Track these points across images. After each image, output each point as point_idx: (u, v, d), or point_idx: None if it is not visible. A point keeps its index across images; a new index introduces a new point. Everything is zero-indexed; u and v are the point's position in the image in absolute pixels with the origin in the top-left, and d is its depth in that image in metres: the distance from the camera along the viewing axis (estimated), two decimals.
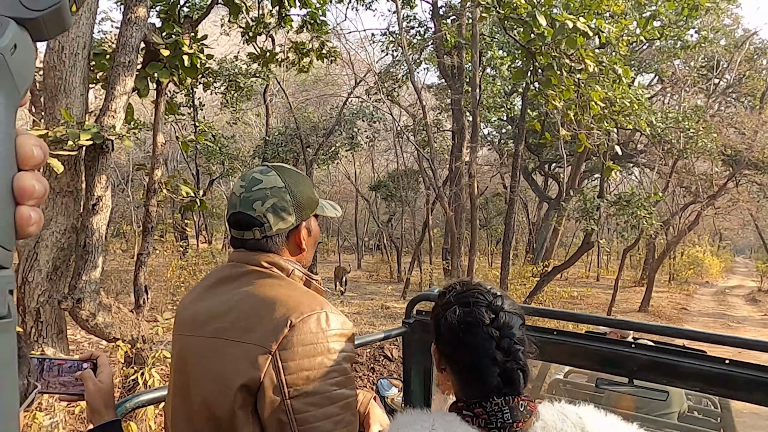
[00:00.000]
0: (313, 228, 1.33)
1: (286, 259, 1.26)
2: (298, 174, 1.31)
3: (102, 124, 4.08)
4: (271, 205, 1.22)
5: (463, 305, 1.20)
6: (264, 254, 1.24)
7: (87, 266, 4.04)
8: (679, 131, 10.56)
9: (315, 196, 1.32)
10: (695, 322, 16.69)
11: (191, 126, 16.49)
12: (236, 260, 1.27)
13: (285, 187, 1.24)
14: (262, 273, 1.22)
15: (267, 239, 1.24)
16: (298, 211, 1.25)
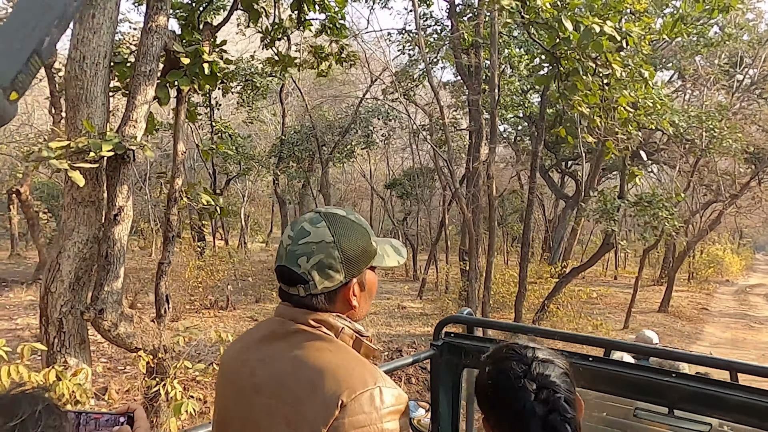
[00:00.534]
0: (368, 281, 1.23)
1: (336, 316, 1.18)
2: (352, 223, 1.19)
3: (123, 134, 4.06)
4: (317, 263, 1.13)
5: (495, 362, 1.15)
6: (311, 312, 1.17)
7: (109, 277, 4.03)
8: (703, 130, 10.35)
9: (371, 247, 1.21)
10: (716, 323, 16.43)
11: (208, 125, 16.54)
12: (283, 315, 1.20)
13: (334, 242, 1.14)
14: (310, 333, 1.15)
15: (312, 297, 1.17)
16: (347, 268, 1.16)
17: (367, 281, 1.23)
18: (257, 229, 38.88)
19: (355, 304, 1.20)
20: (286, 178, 19.68)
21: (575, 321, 12.59)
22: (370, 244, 1.20)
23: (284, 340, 1.16)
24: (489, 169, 10.11)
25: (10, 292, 14.42)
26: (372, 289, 1.25)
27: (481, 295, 10.82)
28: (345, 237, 1.16)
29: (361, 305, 1.23)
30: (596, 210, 10.89)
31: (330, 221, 1.17)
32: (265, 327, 1.24)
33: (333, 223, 1.17)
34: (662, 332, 14.04)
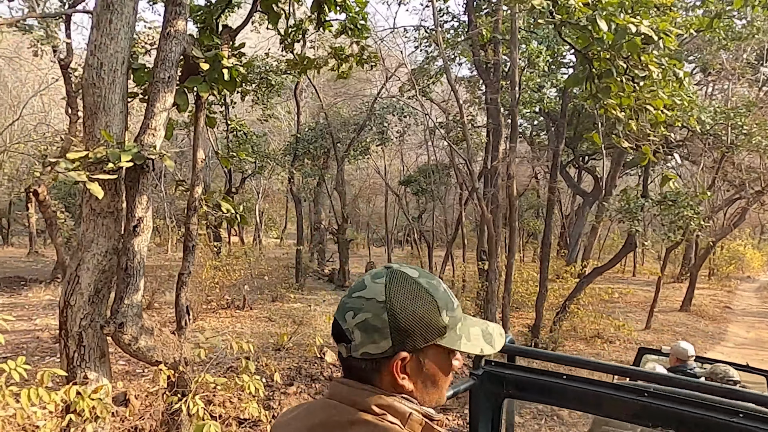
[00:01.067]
0: (430, 364, 1.04)
1: (402, 398, 1.02)
2: (418, 288, 1.03)
3: (142, 143, 3.95)
4: (362, 321, 1.00)
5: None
6: (375, 394, 1.01)
7: (129, 290, 3.93)
8: (730, 127, 10.05)
9: (437, 321, 1.02)
10: (740, 322, 16.10)
11: (223, 124, 16.47)
12: (340, 398, 1.03)
13: (385, 302, 0.99)
14: (375, 426, 0.98)
15: (354, 361, 1.02)
16: (396, 337, 0.99)
17: (428, 363, 1.04)
18: (271, 226, 38.98)
19: (406, 386, 1.02)
20: (300, 175, 19.60)
21: (597, 321, 12.37)
22: (435, 317, 1.02)
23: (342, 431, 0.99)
24: (509, 167, 9.90)
25: (29, 291, 14.51)
26: (438, 376, 1.05)
27: (501, 296, 10.64)
28: (400, 300, 1.00)
29: (419, 390, 1.04)
30: (619, 209, 10.64)
31: (391, 279, 1.03)
32: (320, 412, 1.05)
33: (393, 281, 1.02)
34: (685, 332, 13.77)
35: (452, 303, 1.06)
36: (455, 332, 1.05)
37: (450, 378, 1.08)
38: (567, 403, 2.27)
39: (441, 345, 1.03)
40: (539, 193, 25.89)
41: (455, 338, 1.04)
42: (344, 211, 18.32)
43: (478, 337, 1.08)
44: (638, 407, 2.04)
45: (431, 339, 1.02)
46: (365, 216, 35.27)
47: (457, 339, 1.04)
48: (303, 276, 16.81)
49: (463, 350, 1.05)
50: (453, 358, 1.07)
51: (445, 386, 1.08)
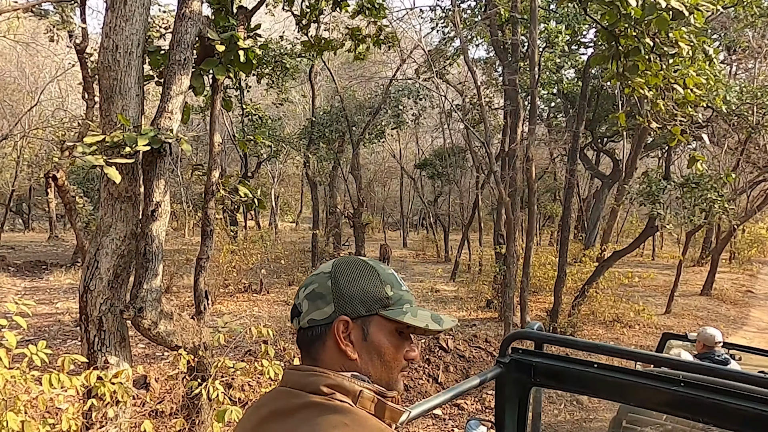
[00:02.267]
0: (375, 334, 1.04)
1: (352, 377, 1.01)
2: (363, 265, 1.08)
3: (159, 127, 3.90)
4: (309, 292, 1.06)
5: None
6: (323, 375, 1.00)
7: (148, 275, 3.92)
8: (757, 107, 9.76)
9: (381, 292, 1.05)
10: (762, 307, 15.84)
11: (238, 108, 16.44)
12: (291, 384, 1.02)
13: (330, 273, 1.06)
14: (323, 406, 0.96)
15: (303, 332, 1.05)
16: (338, 301, 1.03)
17: (372, 332, 1.04)
18: (287, 210, 39.13)
19: (351, 354, 1.02)
20: (316, 159, 19.55)
21: (616, 306, 12.23)
22: (377, 288, 1.05)
23: (291, 417, 0.97)
24: (528, 150, 9.74)
25: (50, 275, 14.71)
26: (383, 348, 1.05)
27: (519, 280, 10.54)
28: (345, 272, 1.06)
29: (365, 362, 1.04)
30: (640, 192, 10.44)
31: (341, 259, 1.10)
32: (271, 402, 1.04)
33: (342, 260, 1.10)
34: (706, 317, 13.58)
35: (397, 282, 1.09)
36: (400, 308, 1.06)
37: (401, 361, 1.07)
38: (597, 392, 2.20)
39: (384, 316, 1.04)
40: (556, 176, 25.56)
41: (400, 312, 1.05)
42: (360, 195, 18.27)
43: (425, 317, 1.07)
44: (671, 397, 1.97)
45: (373, 308, 1.04)
46: (380, 200, 35.22)
47: (402, 313, 1.05)
48: (319, 260, 16.84)
49: (406, 322, 1.04)
50: (404, 342, 1.07)
51: (395, 367, 1.06)
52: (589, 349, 2.34)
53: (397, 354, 1.07)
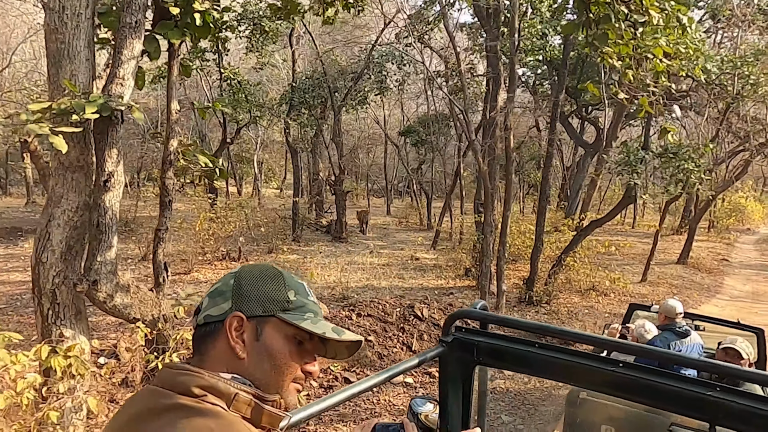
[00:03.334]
0: (269, 336, 1.00)
1: (231, 379, 0.96)
2: (270, 269, 1.07)
3: (109, 94, 3.75)
4: (213, 290, 1.04)
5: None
6: (196, 375, 0.94)
7: (102, 246, 3.82)
8: (737, 77, 9.69)
9: (282, 296, 1.02)
10: (737, 275, 16.11)
11: (216, 72, 16.06)
12: (162, 383, 0.96)
13: (236, 273, 1.05)
14: (191, 409, 0.90)
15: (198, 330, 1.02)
16: (237, 299, 1.00)
17: (267, 334, 1.00)
18: (271, 176, 38.78)
19: (240, 353, 0.98)
20: (297, 126, 19.26)
21: (592, 275, 12.35)
22: (279, 291, 1.03)
23: (157, 419, 0.91)
24: (507, 118, 9.63)
25: (25, 242, 14.50)
26: (275, 352, 1.00)
27: (496, 249, 10.57)
28: (250, 273, 1.05)
29: (253, 363, 0.99)
30: (619, 161, 10.42)
31: (253, 264, 1.09)
32: (140, 401, 0.98)
33: (252, 264, 1.09)
34: (681, 285, 13.78)
35: (303, 289, 1.07)
36: (301, 314, 1.03)
37: (295, 370, 1.03)
38: (539, 371, 2.18)
39: (282, 318, 1.01)
40: (541, 143, 25.51)
41: (299, 318, 1.02)
42: (341, 162, 18.09)
43: (324, 325, 1.04)
44: (610, 377, 1.94)
45: (271, 309, 1.01)
46: (365, 167, 35.00)
47: (301, 319, 1.02)
48: (300, 227, 16.76)
49: (303, 327, 1.00)
50: (303, 353, 1.03)
51: (287, 374, 1.02)
52: (532, 330, 2.29)
53: (291, 361, 1.03)
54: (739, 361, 3.45)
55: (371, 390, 6.83)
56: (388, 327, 8.63)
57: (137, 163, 24.11)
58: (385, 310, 9.15)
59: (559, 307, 10.89)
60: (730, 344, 3.57)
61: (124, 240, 14.31)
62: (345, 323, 8.45)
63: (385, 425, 1.85)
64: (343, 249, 15.73)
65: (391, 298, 9.91)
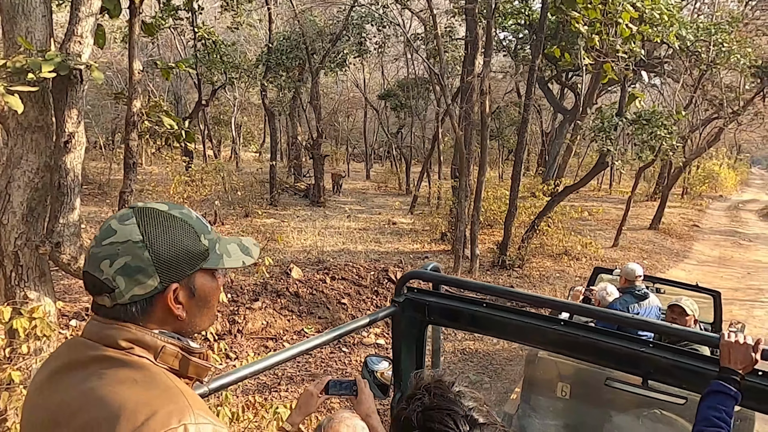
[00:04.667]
0: (200, 287, 1.03)
1: (158, 333, 0.99)
2: (172, 219, 1.01)
3: (67, 52, 3.65)
4: (121, 266, 0.95)
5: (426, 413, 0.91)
6: (124, 328, 0.97)
7: (64, 209, 3.78)
8: (711, 44, 9.74)
9: (199, 247, 1.02)
10: (706, 240, 16.52)
11: (190, 32, 15.64)
12: (89, 336, 0.99)
13: (143, 241, 0.96)
14: (116, 360, 0.94)
15: (122, 308, 0.97)
16: (163, 272, 0.97)
17: (199, 287, 1.03)
18: (250, 139, 38.27)
19: (180, 315, 1.01)
20: (275, 88, 18.93)
21: (565, 239, 12.57)
22: (196, 243, 1.02)
23: (83, 370, 0.95)
24: (483, 83, 9.60)
25: None
26: (209, 297, 1.06)
27: (471, 214, 10.67)
28: (159, 235, 0.98)
29: (193, 316, 1.04)
30: (593, 128, 10.50)
31: (141, 217, 0.99)
32: (66, 353, 1.02)
33: (144, 219, 0.99)
34: (651, 250, 14.11)
35: (206, 226, 1.07)
36: (216, 252, 1.05)
37: (219, 294, 1.09)
38: (487, 330, 2.25)
39: (206, 268, 1.03)
40: (521, 109, 25.48)
41: (217, 258, 1.05)
42: (320, 125, 17.91)
43: (236, 252, 1.08)
44: (552, 335, 2.02)
45: (197, 265, 1.02)
46: (345, 131, 34.70)
47: (219, 258, 1.05)
48: (277, 191, 16.68)
49: (227, 267, 1.05)
50: (218, 276, 1.08)
51: (216, 304, 1.09)
52: (480, 290, 2.37)
53: (218, 293, 1.09)
54: (685, 318, 3.60)
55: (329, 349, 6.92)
56: (362, 290, 8.74)
57: (111, 125, 23.63)
58: (359, 273, 9.25)
59: (531, 271, 11.11)
60: (676, 302, 3.71)
61: (98, 203, 14.14)
62: (319, 286, 8.54)
63: (337, 381, 1.91)
64: (321, 213, 15.74)
65: (366, 262, 10.00)
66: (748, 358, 1.66)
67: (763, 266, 13.48)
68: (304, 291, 8.30)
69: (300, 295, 8.21)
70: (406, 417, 0.95)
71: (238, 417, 3.44)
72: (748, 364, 1.66)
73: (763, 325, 8.90)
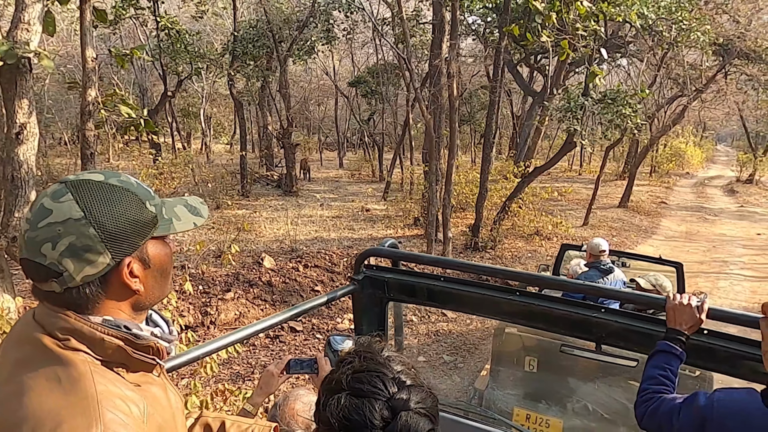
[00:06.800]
0: (154, 256, 0.99)
1: (102, 322, 0.93)
2: (111, 189, 0.94)
3: (15, 40, 3.54)
4: (66, 247, 0.88)
5: (354, 394, 0.90)
6: (62, 318, 0.92)
7: (18, 202, 3.69)
8: (671, 22, 9.89)
9: (146, 214, 0.96)
10: (673, 216, 16.89)
11: (153, 22, 15.30)
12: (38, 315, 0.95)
13: (85, 217, 0.89)
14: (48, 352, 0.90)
15: (74, 291, 0.91)
16: (113, 247, 0.92)
17: (152, 256, 0.98)
18: (221, 131, 37.72)
19: (138, 288, 0.97)
20: (243, 77, 18.66)
21: (536, 220, 12.72)
22: (142, 211, 0.96)
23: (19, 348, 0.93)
24: (450, 66, 9.60)
25: None
26: (165, 265, 1.02)
27: (442, 198, 10.71)
28: (101, 209, 0.91)
29: (150, 287, 1.00)
30: (560, 108, 10.59)
31: (78, 192, 0.91)
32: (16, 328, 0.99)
33: (82, 193, 0.91)
34: (620, 227, 14.38)
35: (149, 192, 1.00)
36: (164, 218, 1.00)
37: (172, 261, 1.05)
38: (445, 304, 2.28)
39: (157, 236, 0.99)
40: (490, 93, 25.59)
41: (167, 224, 1.00)
42: (290, 114, 17.74)
43: (185, 214, 1.04)
44: (509, 306, 2.05)
45: (147, 234, 0.97)
46: (317, 120, 34.43)
47: (169, 223, 1.01)
48: (248, 182, 16.51)
49: (180, 230, 1.02)
50: (168, 242, 1.04)
51: (171, 271, 1.05)
52: (436, 264, 2.39)
53: (172, 259, 1.05)
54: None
55: (289, 328, 6.89)
56: (335, 276, 8.74)
57: (75, 120, 23.05)
58: (332, 260, 9.24)
59: (503, 252, 11.23)
60: (634, 278, 3.76)
61: None
62: (292, 274, 8.51)
63: (298, 360, 1.91)
64: (293, 202, 15.65)
65: (339, 249, 9.99)
66: (693, 318, 1.70)
67: (727, 239, 13.85)
68: (277, 280, 8.27)
69: (273, 284, 8.18)
70: (336, 380, 0.95)
71: (207, 405, 3.41)
72: (694, 324, 1.70)
73: (726, 295, 9.17)
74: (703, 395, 1.52)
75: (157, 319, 1.09)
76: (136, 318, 1.01)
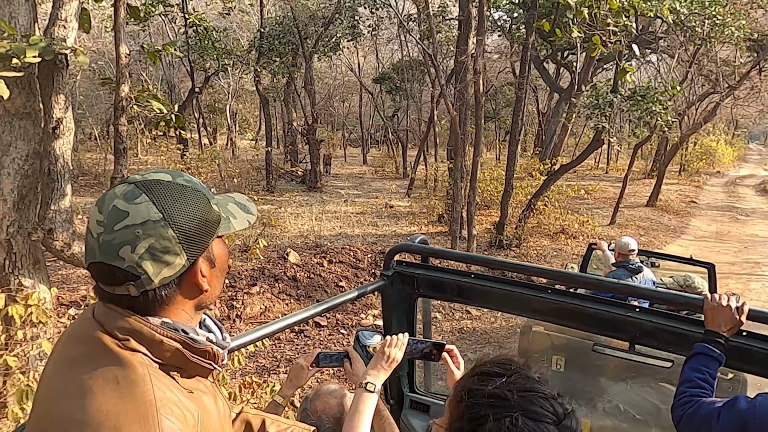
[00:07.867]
0: (217, 256, 1.00)
1: (161, 324, 0.93)
2: (182, 189, 0.93)
3: (52, 36, 3.62)
4: (146, 250, 0.88)
5: (529, 416, 0.91)
6: (122, 318, 0.91)
7: (55, 195, 3.78)
8: (705, 18, 9.66)
9: (213, 214, 0.97)
10: (703, 216, 16.54)
11: (181, 19, 15.50)
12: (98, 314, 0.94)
13: (164, 218, 0.89)
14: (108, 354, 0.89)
15: (150, 293, 0.92)
16: (189, 248, 0.92)
17: (217, 255, 1.01)
18: (246, 127, 38.08)
19: (206, 288, 0.99)
20: (269, 74, 18.81)
21: (562, 218, 12.58)
22: (210, 211, 0.96)
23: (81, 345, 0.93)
24: (476, 63, 9.54)
25: None
26: (225, 263, 1.04)
27: (467, 194, 10.66)
28: (177, 209, 0.91)
29: (214, 286, 1.01)
30: (587, 105, 10.45)
31: (152, 193, 0.90)
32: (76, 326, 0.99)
33: (157, 194, 0.90)
34: (648, 227, 14.13)
35: (210, 191, 1.01)
36: (227, 219, 1.01)
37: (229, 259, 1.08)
38: (475, 300, 2.27)
39: (221, 235, 1.01)
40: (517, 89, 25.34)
41: (227, 223, 1.00)
42: (314, 110, 17.82)
43: (239, 212, 1.04)
44: (539, 303, 2.04)
45: (214, 233, 0.98)
46: (341, 116, 34.52)
47: (228, 222, 1.01)
48: (273, 178, 16.65)
49: (238, 229, 1.02)
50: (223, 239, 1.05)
51: (225, 271, 1.06)
52: (468, 261, 2.38)
53: (228, 256, 1.06)
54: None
55: (317, 324, 6.93)
56: (360, 272, 8.76)
57: (105, 115, 23.50)
58: (356, 256, 9.27)
59: (528, 250, 11.13)
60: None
61: (94, 194, 14.11)
62: (316, 270, 8.56)
63: (328, 353, 1.92)
64: (318, 198, 15.73)
65: (363, 245, 10.02)
66: (732, 320, 1.67)
67: (759, 240, 13.52)
68: (302, 275, 8.33)
69: (298, 279, 8.24)
70: (498, 395, 0.94)
71: (236, 397, 3.46)
72: (734, 325, 1.67)
73: (759, 297, 8.95)
74: (744, 399, 1.49)
75: (210, 325, 1.09)
76: (194, 317, 1.01)
